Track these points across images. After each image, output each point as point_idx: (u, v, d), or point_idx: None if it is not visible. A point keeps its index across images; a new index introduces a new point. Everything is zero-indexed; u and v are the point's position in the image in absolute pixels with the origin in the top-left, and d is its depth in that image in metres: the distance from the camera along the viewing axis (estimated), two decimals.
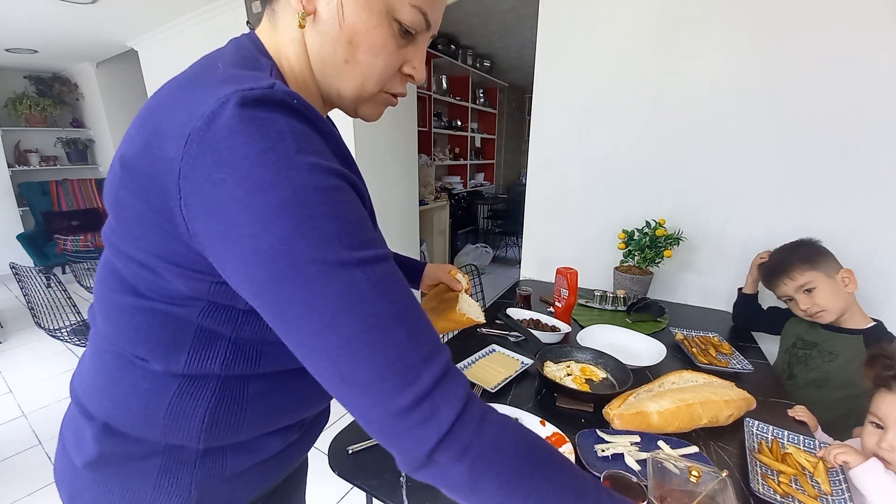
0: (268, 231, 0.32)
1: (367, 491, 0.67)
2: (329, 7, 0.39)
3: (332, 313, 0.33)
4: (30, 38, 3.33)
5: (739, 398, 0.84)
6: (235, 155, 0.32)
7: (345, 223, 0.34)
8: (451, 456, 0.34)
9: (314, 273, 0.33)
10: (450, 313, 0.77)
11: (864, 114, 1.28)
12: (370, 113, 0.49)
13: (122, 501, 0.45)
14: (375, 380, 0.33)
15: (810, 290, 1.08)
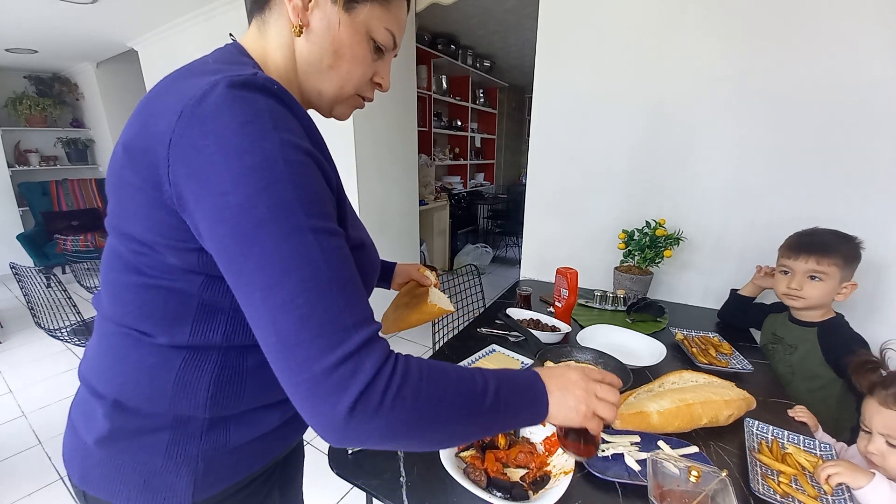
0: (237, 190, 0.36)
1: (367, 491, 0.67)
2: (321, 22, 0.47)
3: (282, 271, 0.37)
4: (30, 38, 3.33)
5: (739, 398, 0.84)
6: (219, 125, 0.37)
7: (306, 193, 0.39)
8: (373, 406, 0.37)
9: (272, 231, 0.37)
10: (422, 305, 0.80)
11: (863, 114, 1.28)
12: (343, 112, 0.56)
13: (133, 474, 0.47)
14: (308, 338, 0.37)
15: (815, 279, 1.04)
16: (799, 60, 1.34)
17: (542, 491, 0.64)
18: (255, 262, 0.37)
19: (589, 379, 0.51)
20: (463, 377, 0.44)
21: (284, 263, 0.37)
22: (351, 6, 0.48)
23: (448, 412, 0.42)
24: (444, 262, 4.18)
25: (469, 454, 0.70)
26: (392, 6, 0.51)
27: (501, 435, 0.73)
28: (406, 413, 0.39)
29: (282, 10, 0.48)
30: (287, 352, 0.37)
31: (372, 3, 0.49)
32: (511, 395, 0.46)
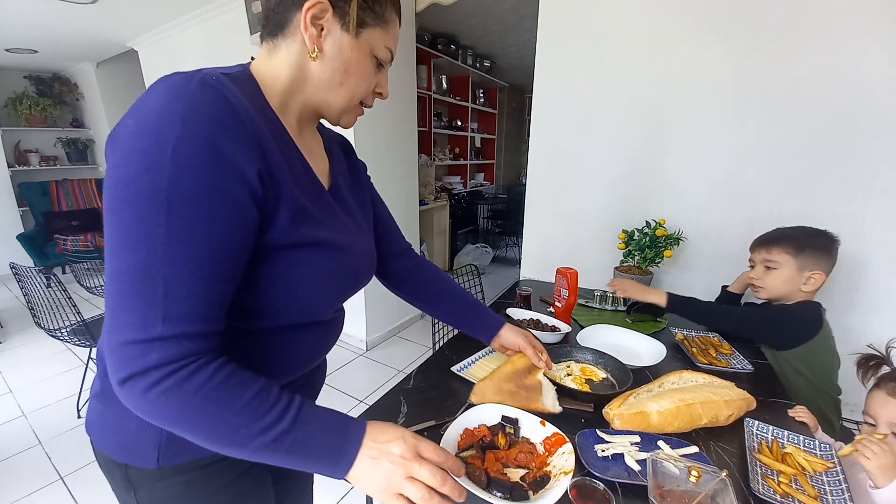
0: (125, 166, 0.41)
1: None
2: (333, 46, 0.55)
3: (124, 247, 0.42)
4: (30, 38, 3.33)
5: (739, 398, 0.84)
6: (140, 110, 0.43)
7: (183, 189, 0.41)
8: (139, 389, 0.42)
9: (131, 211, 0.41)
10: (532, 403, 0.81)
11: (863, 114, 1.28)
12: (349, 120, 0.63)
13: (115, 430, 0.56)
14: (120, 310, 0.42)
15: (770, 268, 1.13)
16: (798, 61, 1.34)
17: (542, 491, 0.64)
18: (111, 231, 0.42)
19: (412, 457, 0.48)
20: (254, 409, 0.45)
21: (128, 242, 0.41)
22: (358, 32, 0.55)
23: (207, 430, 0.44)
24: (444, 262, 4.18)
25: (469, 454, 0.70)
26: (389, 27, 0.58)
27: (501, 435, 0.73)
28: (165, 410, 0.43)
29: (295, 38, 0.54)
30: (108, 313, 0.43)
31: (373, 27, 0.56)
32: (304, 447, 0.46)
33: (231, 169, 0.44)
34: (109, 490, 0.65)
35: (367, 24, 0.55)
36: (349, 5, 0.53)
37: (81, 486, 1.63)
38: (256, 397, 0.45)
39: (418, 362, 1.09)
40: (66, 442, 1.90)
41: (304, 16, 0.52)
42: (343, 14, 0.53)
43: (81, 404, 2.12)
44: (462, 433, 0.75)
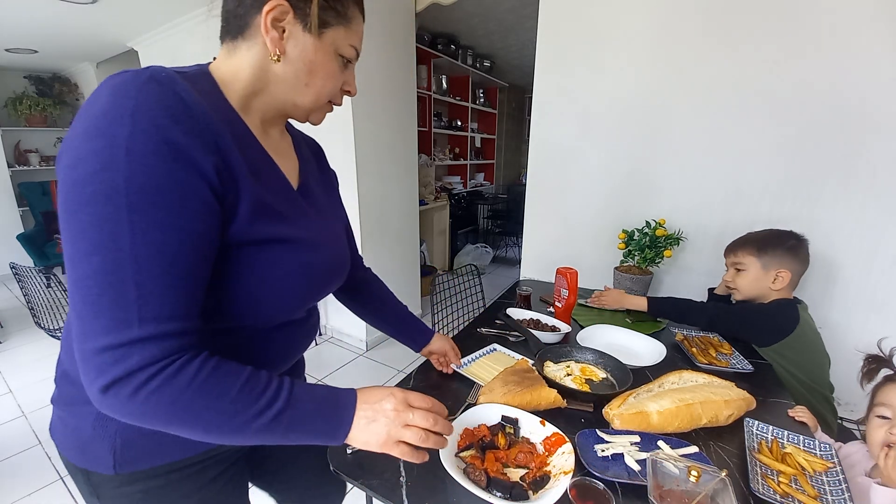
0: (78, 167, 0.40)
1: (367, 491, 0.67)
2: (295, 48, 0.53)
3: (86, 251, 0.40)
4: (30, 38, 3.33)
5: (739, 398, 0.84)
6: (88, 110, 0.42)
7: (141, 184, 0.40)
8: (125, 394, 0.41)
9: (91, 213, 0.40)
10: (538, 389, 0.85)
11: (863, 115, 1.28)
12: (318, 118, 0.63)
13: (73, 435, 0.56)
14: (89, 317, 0.40)
15: (739, 270, 1.21)
16: (799, 61, 1.34)
17: (541, 491, 0.64)
18: (70, 235, 0.41)
19: (404, 408, 0.52)
20: (248, 395, 0.46)
21: (91, 245, 0.40)
22: (321, 32, 0.54)
23: (202, 423, 0.44)
24: (444, 262, 4.18)
25: (469, 454, 0.70)
26: (353, 25, 0.57)
27: (501, 435, 0.73)
28: (157, 409, 0.42)
29: (256, 40, 0.53)
30: (75, 321, 0.41)
31: (336, 27, 0.55)
32: (302, 420, 0.48)
33: (187, 162, 0.43)
34: None
35: (330, 23, 0.55)
36: (310, 6, 0.52)
37: None
38: (248, 383, 0.46)
39: (418, 362, 1.09)
40: None
41: (264, 19, 0.51)
42: (304, 15, 0.52)
43: None
44: (462, 433, 0.75)
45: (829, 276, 1.41)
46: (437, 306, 1.53)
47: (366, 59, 2.41)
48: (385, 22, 2.48)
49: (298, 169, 0.67)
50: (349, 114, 2.37)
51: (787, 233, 1.20)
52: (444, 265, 4.20)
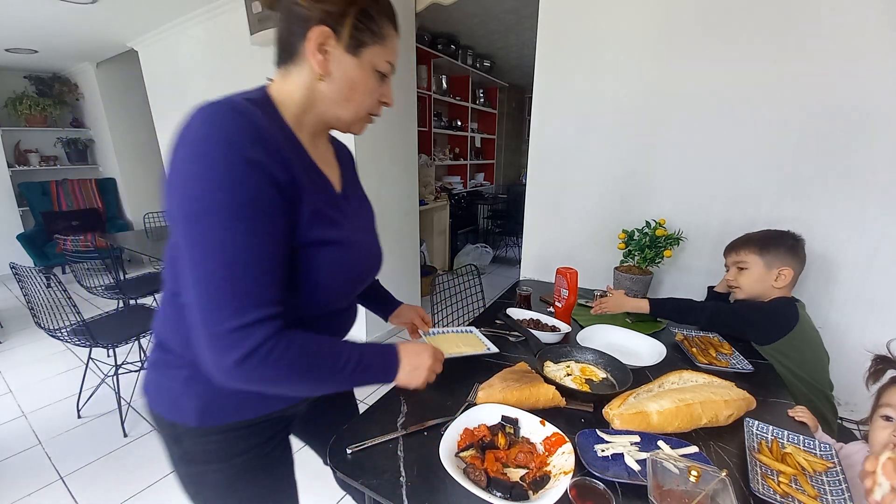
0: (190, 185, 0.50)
1: (367, 491, 0.67)
2: (338, 69, 0.62)
3: (208, 253, 0.50)
4: (30, 38, 3.33)
5: (739, 398, 0.84)
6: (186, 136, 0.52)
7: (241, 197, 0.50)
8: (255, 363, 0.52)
9: (209, 221, 0.50)
10: (537, 386, 0.86)
11: (863, 114, 1.28)
12: (358, 128, 0.71)
13: (166, 394, 0.67)
14: (214, 307, 0.51)
15: (742, 269, 1.22)
16: (799, 61, 1.34)
17: (542, 491, 0.64)
18: (187, 243, 0.51)
19: (434, 361, 0.74)
20: (333, 354, 0.61)
21: (205, 251, 0.50)
22: (359, 52, 0.62)
23: (310, 377, 0.58)
24: (444, 262, 4.18)
25: (469, 454, 0.70)
26: (388, 42, 0.64)
27: (501, 435, 0.73)
28: (278, 372, 0.55)
29: (304, 63, 0.61)
30: (200, 313, 0.51)
31: (372, 45, 0.62)
32: (368, 369, 0.65)
33: (268, 177, 0.53)
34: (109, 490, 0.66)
35: (367, 43, 0.62)
36: (346, 29, 0.59)
37: (81, 486, 1.63)
38: (333, 348, 0.61)
39: None
40: (66, 442, 1.90)
41: (310, 44, 0.59)
42: (342, 38, 0.60)
43: (81, 404, 2.12)
44: (462, 433, 0.75)
45: (828, 276, 1.41)
46: (437, 306, 1.53)
47: None
48: None
49: (339, 175, 0.75)
50: None
51: (786, 232, 1.21)
52: (444, 265, 4.20)
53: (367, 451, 0.74)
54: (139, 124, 4.56)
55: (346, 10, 0.59)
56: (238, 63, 2.87)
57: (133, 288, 2.64)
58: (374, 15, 0.62)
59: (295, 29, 0.60)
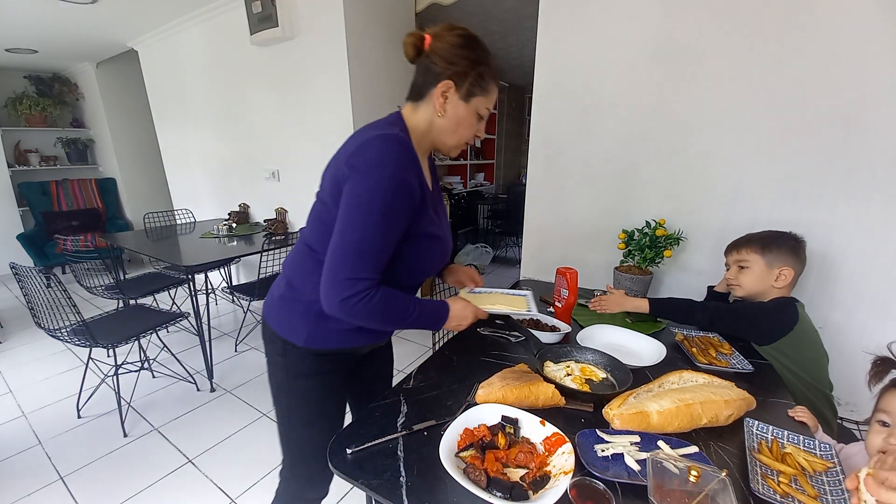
0: (360, 188, 0.75)
1: (367, 491, 0.67)
2: (452, 110, 0.85)
3: (349, 230, 0.75)
4: (30, 38, 3.33)
5: (739, 398, 0.84)
6: (366, 156, 0.75)
7: (387, 202, 0.75)
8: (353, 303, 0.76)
9: (359, 211, 0.75)
10: (536, 385, 0.87)
11: (863, 114, 1.28)
12: (455, 153, 0.94)
13: (285, 317, 0.91)
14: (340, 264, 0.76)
15: (743, 268, 1.23)
16: (799, 60, 1.34)
17: (542, 491, 0.64)
18: (347, 219, 0.76)
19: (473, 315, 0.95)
20: (405, 307, 0.83)
21: (355, 229, 0.75)
22: (469, 100, 0.84)
23: (389, 319, 0.81)
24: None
25: (469, 454, 0.70)
26: (490, 94, 0.87)
27: (501, 435, 0.73)
28: (372, 312, 0.78)
29: (430, 103, 0.85)
30: (331, 263, 0.77)
31: (479, 95, 0.85)
32: (428, 316, 0.87)
33: (410, 192, 0.78)
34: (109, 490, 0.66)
35: (476, 94, 0.84)
36: (465, 84, 0.83)
37: (81, 486, 1.63)
38: (406, 301, 0.83)
39: (418, 362, 1.09)
40: (66, 442, 1.90)
41: (437, 91, 0.83)
42: (460, 88, 0.83)
43: (81, 404, 2.12)
44: (462, 433, 0.75)
45: (829, 276, 1.41)
46: None
47: (366, 59, 2.41)
48: (385, 22, 2.48)
49: (430, 178, 0.94)
50: (349, 113, 2.37)
51: (787, 233, 1.22)
52: None
53: (367, 451, 0.74)
54: (139, 124, 4.57)
55: (468, 73, 0.82)
56: (238, 63, 2.87)
57: (133, 288, 2.64)
58: (486, 76, 0.84)
59: (429, 79, 0.84)
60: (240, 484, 1.64)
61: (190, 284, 2.21)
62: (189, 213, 3.63)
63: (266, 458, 1.76)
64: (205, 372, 2.34)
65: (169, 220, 3.42)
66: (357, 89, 2.37)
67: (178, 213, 3.56)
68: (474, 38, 0.85)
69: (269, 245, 2.49)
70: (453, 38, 0.83)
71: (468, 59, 0.82)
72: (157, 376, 2.44)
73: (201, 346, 2.29)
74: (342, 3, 2.20)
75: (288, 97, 2.68)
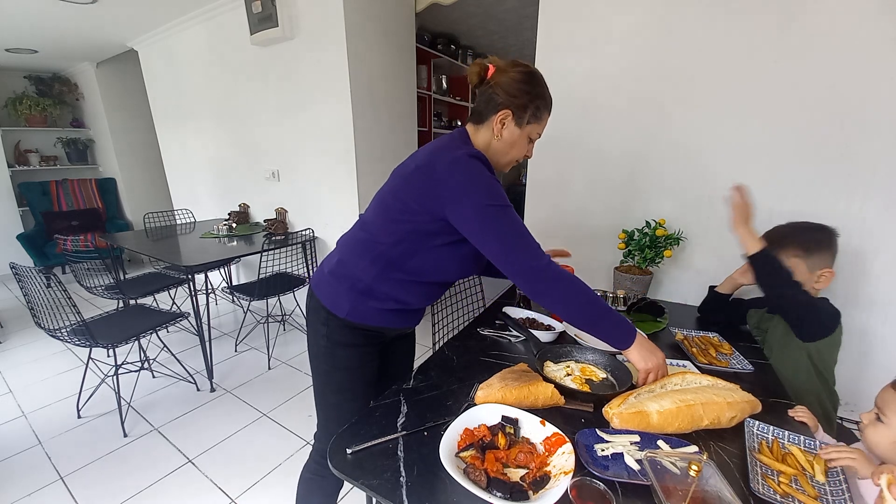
0: (470, 197, 0.84)
1: (367, 491, 0.67)
2: (507, 133, 0.94)
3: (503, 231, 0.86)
4: (30, 38, 3.33)
5: (743, 401, 0.83)
6: (467, 170, 0.85)
7: (499, 195, 0.85)
8: (553, 266, 0.88)
9: (491, 212, 0.84)
10: (536, 385, 0.87)
11: (863, 113, 1.28)
12: (507, 169, 1.02)
13: (335, 291, 0.99)
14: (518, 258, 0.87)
15: None
16: (799, 59, 1.34)
17: (542, 491, 0.64)
18: (492, 227, 0.85)
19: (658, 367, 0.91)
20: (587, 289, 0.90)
21: (503, 226, 0.86)
22: (523, 126, 0.94)
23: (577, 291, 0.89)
24: None
25: (469, 454, 0.70)
26: (542, 122, 0.96)
27: (501, 435, 0.73)
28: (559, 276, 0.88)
29: (489, 127, 0.94)
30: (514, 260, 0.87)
31: (532, 123, 0.95)
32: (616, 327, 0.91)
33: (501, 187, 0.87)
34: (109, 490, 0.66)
35: (530, 122, 0.94)
36: (524, 114, 0.92)
37: (81, 486, 1.63)
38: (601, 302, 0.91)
39: (418, 362, 1.09)
40: (66, 442, 1.90)
41: (496, 118, 0.92)
42: (518, 118, 0.92)
43: (81, 404, 2.12)
44: (462, 433, 0.75)
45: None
46: (436, 306, 1.53)
47: (366, 59, 2.41)
48: (385, 22, 2.48)
49: None
50: (349, 113, 2.37)
51: (823, 228, 1.12)
52: None
53: (367, 451, 0.74)
54: (139, 124, 4.56)
55: (527, 105, 0.91)
56: (238, 63, 2.87)
57: (133, 288, 2.63)
58: (542, 107, 0.93)
59: (490, 107, 0.92)
60: (240, 484, 1.64)
61: (190, 284, 2.21)
62: (189, 213, 3.63)
63: (266, 458, 1.76)
64: (205, 372, 2.34)
65: (169, 220, 3.42)
66: (357, 89, 2.37)
67: (178, 213, 3.56)
68: (536, 74, 0.94)
69: (269, 245, 2.49)
70: (516, 75, 0.92)
71: (529, 94, 0.91)
72: (157, 376, 2.44)
73: (201, 346, 2.29)
74: (342, 3, 2.20)
75: (288, 97, 2.68)
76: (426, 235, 0.91)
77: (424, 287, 1.00)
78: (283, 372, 2.50)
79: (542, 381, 0.87)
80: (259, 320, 3.07)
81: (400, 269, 0.95)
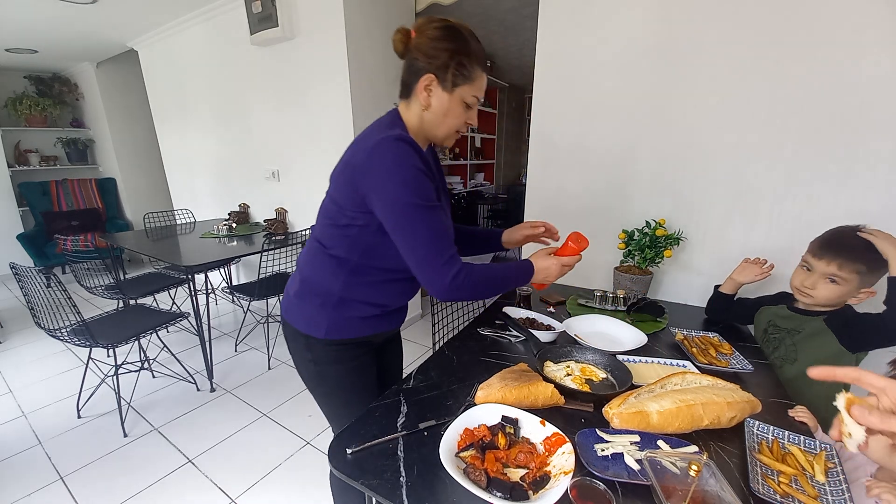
0: (387, 190, 0.80)
1: (367, 491, 0.67)
2: (437, 102, 0.87)
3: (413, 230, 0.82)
4: (30, 38, 3.33)
5: (743, 401, 0.83)
6: (386, 156, 0.79)
7: (420, 189, 0.80)
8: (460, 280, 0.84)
9: (406, 212, 0.80)
10: (535, 384, 0.86)
11: (863, 113, 1.28)
12: (449, 143, 0.97)
13: (304, 313, 0.96)
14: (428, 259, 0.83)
15: (833, 282, 1.06)
16: (799, 59, 1.34)
17: (542, 491, 0.64)
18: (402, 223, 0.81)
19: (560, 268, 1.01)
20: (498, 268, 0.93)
21: (416, 224, 0.81)
22: (452, 90, 0.86)
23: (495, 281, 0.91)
24: None
25: (469, 454, 0.70)
26: (475, 81, 0.87)
27: (501, 435, 0.73)
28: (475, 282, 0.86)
29: (417, 98, 0.87)
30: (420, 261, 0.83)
31: (463, 85, 0.86)
32: (516, 276, 0.97)
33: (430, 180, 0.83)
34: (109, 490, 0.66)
35: (459, 83, 0.85)
36: (447, 75, 0.84)
37: (81, 486, 1.63)
38: (492, 264, 0.92)
39: (418, 362, 1.09)
40: (66, 442, 1.90)
41: (420, 86, 0.85)
42: (443, 80, 0.85)
43: (81, 404, 2.12)
44: (462, 433, 0.75)
45: None
46: (436, 306, 1.53)
47: (366, 59, 2.41)
48: (385, 22, 2.48)
49: (435, 170, 0.98)
50: (349, 113, 2.37)
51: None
52: None
53: (367, 451, 0.74)
54: (139, 124, 4.57)
55: (448, 64, 0.83)
56: (238, 63, 2.87)
57: (133, 288, 2.63)
58: (466, 63, 0.84)
59: (412, 76, 0.86)
60: (240, 484, 1.64)
61: (190, 284, 2.21)
62: (189, 213, 3.63)
63: (266, 458, 1.76)
64: (205, 372, 2.34)
65: (169, 220, 3.42)
66: (357, 89, 2.37)
67: (178, 213, 3.56)
68: (453, 28, 0.83)
69: (269, 245, 2.49)
70: (432, 32, 0.83)
71: (447, 50, 0.82)
72: (157, 376, 2.44)
73: (201, 346, 2.29)
74: (342, 3, 2.20)
75: (288, 97, 2.68)
76: (375, 231, 0.86)
77: (397, 285, 0.96)
78: (283, 372, 2.50)
79: (542, 381, 0.87)
80: (259, 320, 3.08)
81: (366, 273, 0.92)
